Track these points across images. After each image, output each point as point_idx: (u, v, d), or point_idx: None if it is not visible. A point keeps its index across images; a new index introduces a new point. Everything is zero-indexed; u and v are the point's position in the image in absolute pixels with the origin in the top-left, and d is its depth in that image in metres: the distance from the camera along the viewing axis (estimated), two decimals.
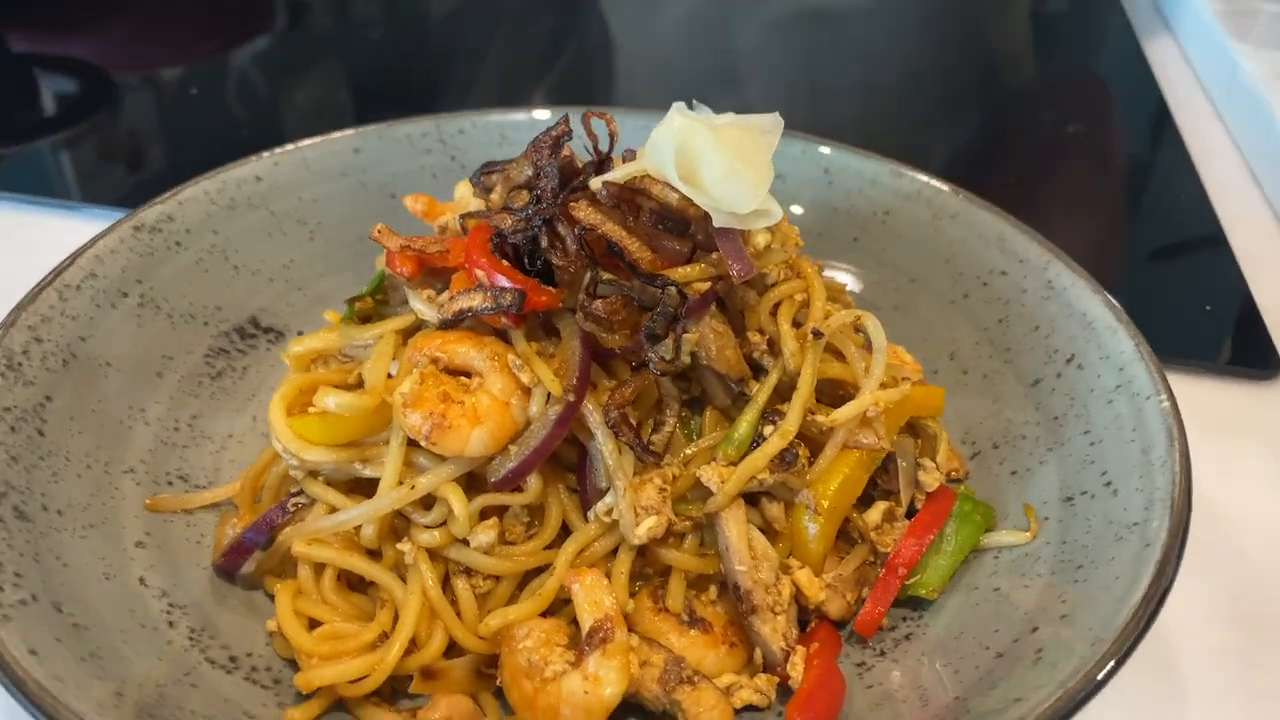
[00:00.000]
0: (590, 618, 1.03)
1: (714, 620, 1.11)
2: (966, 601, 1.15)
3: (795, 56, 2.59)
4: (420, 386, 1.06)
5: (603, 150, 1.18)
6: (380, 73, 2.50)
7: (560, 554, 1.09)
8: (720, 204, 1.09)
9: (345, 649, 1.04)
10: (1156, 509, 1.07)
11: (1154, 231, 1.98)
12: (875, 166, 1.56)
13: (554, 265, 1.09)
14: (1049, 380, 1.31)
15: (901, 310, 1.50)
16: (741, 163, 1.10)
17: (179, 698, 0.97)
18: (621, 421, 1.07)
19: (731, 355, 1.14)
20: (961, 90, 2.47)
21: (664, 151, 1.09)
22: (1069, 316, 1.32)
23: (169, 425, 1.29)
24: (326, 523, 1.08)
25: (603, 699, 1.00)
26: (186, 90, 2.38)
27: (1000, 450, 1.31)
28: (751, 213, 1.11)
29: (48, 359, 1.21)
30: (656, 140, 1.10)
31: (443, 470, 1.07)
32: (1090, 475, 1.18)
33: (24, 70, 2.42)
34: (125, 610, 1.05)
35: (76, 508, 1.13)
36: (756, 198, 1.10)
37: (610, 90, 2.42)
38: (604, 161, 1.17)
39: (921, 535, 1.17)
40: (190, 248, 1.42)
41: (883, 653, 1.12)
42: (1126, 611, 0.97)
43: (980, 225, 1.46)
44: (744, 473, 1.10)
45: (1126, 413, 1.19)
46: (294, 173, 1.53)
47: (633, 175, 1.12)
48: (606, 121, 1.18)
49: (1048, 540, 1.16)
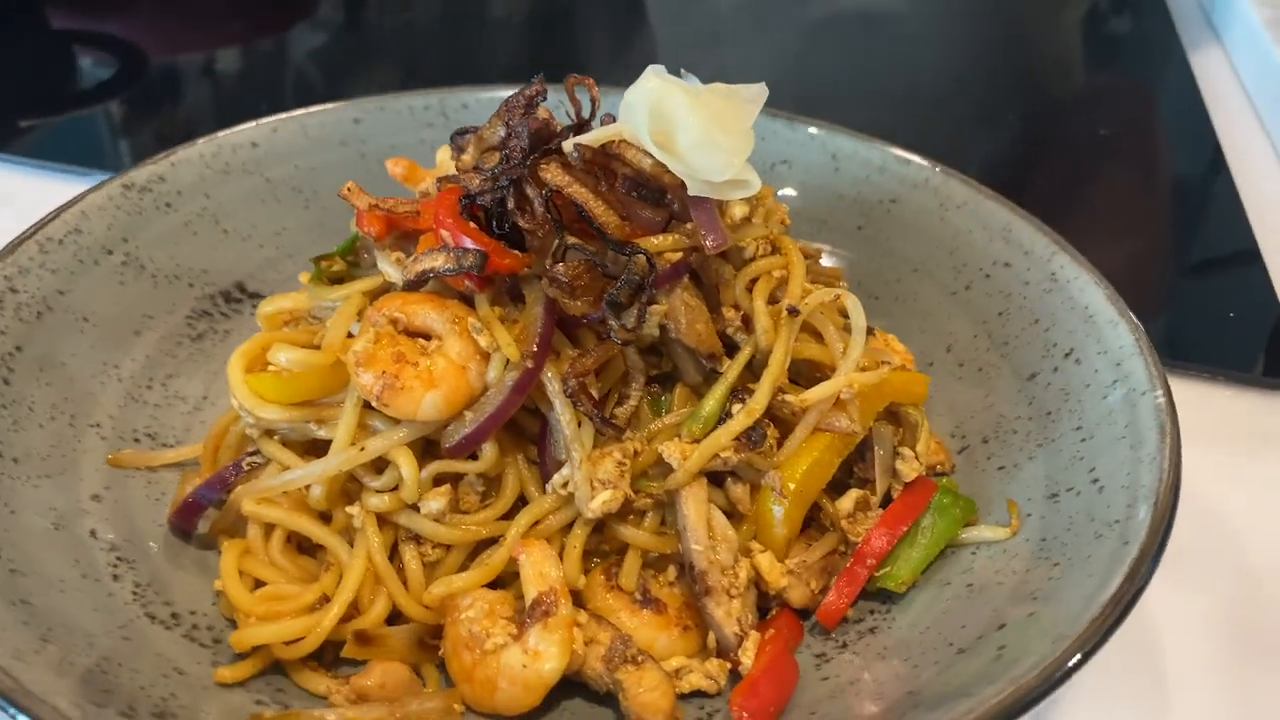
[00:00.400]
0: (534, 589, 1.00)
1: (669, 601, 1.07)
2: (937, 597, 1.10)
3: (835, 58, 2.54)
4: (375, 346, 1.03)
5: (584, 116, 1.15)
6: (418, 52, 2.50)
7: (513, 525, 1.06)
8: (694, 171, 1.06)
9: (284, 610, 1.02)
10: (1140, 506, 1.01)
11: (1191, 241, 1.91)
12: (882, 153, 1.51)
13: (521, 228, 1.06)
14: (1045, 375, 1.25)
15: (901, 300, 1.45)
16: (718, 129, 1.06)
17: (108, 649, 0.95)
18: (580, 391, 1.04)
19: (703, 330, 1.10)
20: (1002, 96, 2.41)
21: (637, 113, 1.06)
22: (1070, 310, 1.26)
23: (142, 383, 1.28)
24: (275, 481, 1.06)
25: (541, 674, 0.97)
26: (213, 66, 2.40)
27: (990, 445, 1.25)
28: (728, 182, 1.07)
29: (21, 309, 1.20)
30: (630, 101, 1.07)
31: (395, 434, 1.05)
32: (1078, 472, 1.12)
33: (62, 45, 2.46)
34: (69, 561, 1.04)
35: (35, 457, 1.12)
36: (732, 166, 1.06)
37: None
38: (582, 126, 1.14)
39: (894, 526, 1.12)
40: (180, 209, 1.41)
41: (844, 645, 1.08)
42: (1094, 609, 0.92)
43: (986, 215, 1.40)
44: (706, 450, 1.06)
45: (1120, 408, 1.13)
46: (292, 140, 1.52)
47: (608, 139, 1.09)
48: (589, 87, 1.16)
49: (1027, 537, 1.11)
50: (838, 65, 2.50)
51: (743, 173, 1.07)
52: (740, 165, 1.07)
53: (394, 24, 2.74)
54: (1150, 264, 1.84)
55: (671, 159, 1.06)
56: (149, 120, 2.23)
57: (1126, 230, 1.93)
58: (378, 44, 2.62)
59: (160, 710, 0.90)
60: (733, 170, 1.06)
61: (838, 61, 2.52)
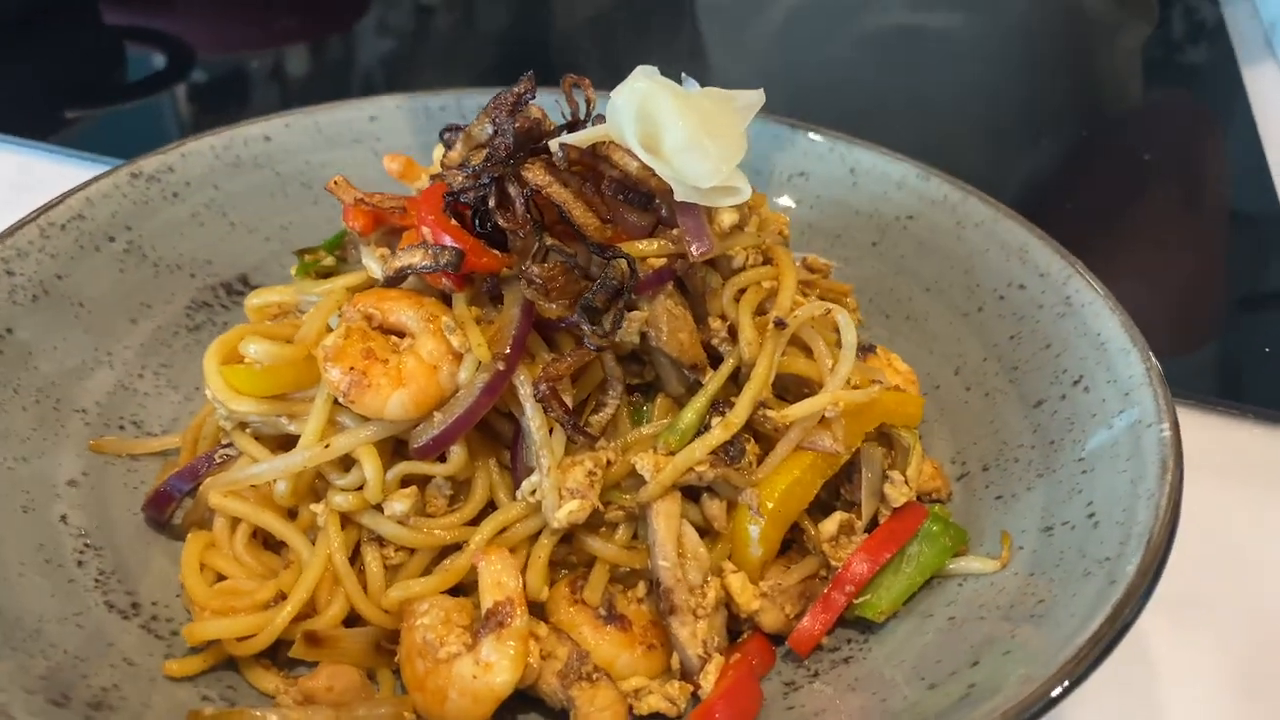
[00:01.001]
0: (491, 599, 0.97)
1: (635, 619, 1.03)
2: (917, 629, 1.05)
3: (885, 73, 2.49)
4: (345, 341, 1.02)
5: (579, 117, 1.13)
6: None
7: (478, 531, 1.03)
8: (681, 176, 1.03)
9: (239, 605, 1.00)
10: (1132, 545, 0.96)
11: (1240, 273, 1.82)
12: (903, 169, 1.47)
13: (501, 227, 1.04)
14: (1052, 402, 1.19)
15: (912, 320, 1.40)
16: (706, 134, 1.02)
17: (56, 635, 0.94)
18: (552, 396, 1.01)
19: (686, 339, 1.07)
20: (1053, 114, 2.34)
21: (624, 114, 1.03)
22: (1082, 336, 1.21)
23: (134, 371, 1.28)
24: (240, 475, 1.05)
25: (492, 686, 0.94)
26: (251, 63, 2.42)
27: (990, 473, 1.20)
28: (716, 188, 1.04)
29: (16, 292, 1.21)
30: (617, 102, 1.04)
31: (362, 432, 1.03)
32: (1075, 505, 1.07)
33: (113, 40, 2.50)
34: (33, 544, 1.04)
35: (14, 438, 1.12)
36: (720, 172, 1.02)
37: None
38: (574, 126, 1.11)
39: (876, 553, 1.07)
40: (188, 200, 1.41)
41: (816, 674, 1.03)
42: (1068, 652, 0.86)
43: (1004, 234, 1.35)
44: (680, 464, 1.02)
45: (1124, 440, 1.08)
46: (304, 136, 1.51)
47: (595, 140, 1.06)
48: (584, 87, 1.13)
49: (1016, 571, 1.05)
50: (885, 80, 2.45)
51: (732, 179, 1.04)
52: (729, 171, 1.03)
53: (450, 25, 2.76)
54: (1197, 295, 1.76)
55: (658, 162, 1.03)
56: (194, 115, 2.26)
57: (1172, 258, 1.86)
58: (439, 45, 2.63)
59: (98, 701, 0.89)
60: (720, 176, 1.03)
61: (885, 76, 2.47)
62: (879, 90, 2.40)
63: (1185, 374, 1.46)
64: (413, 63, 2.54)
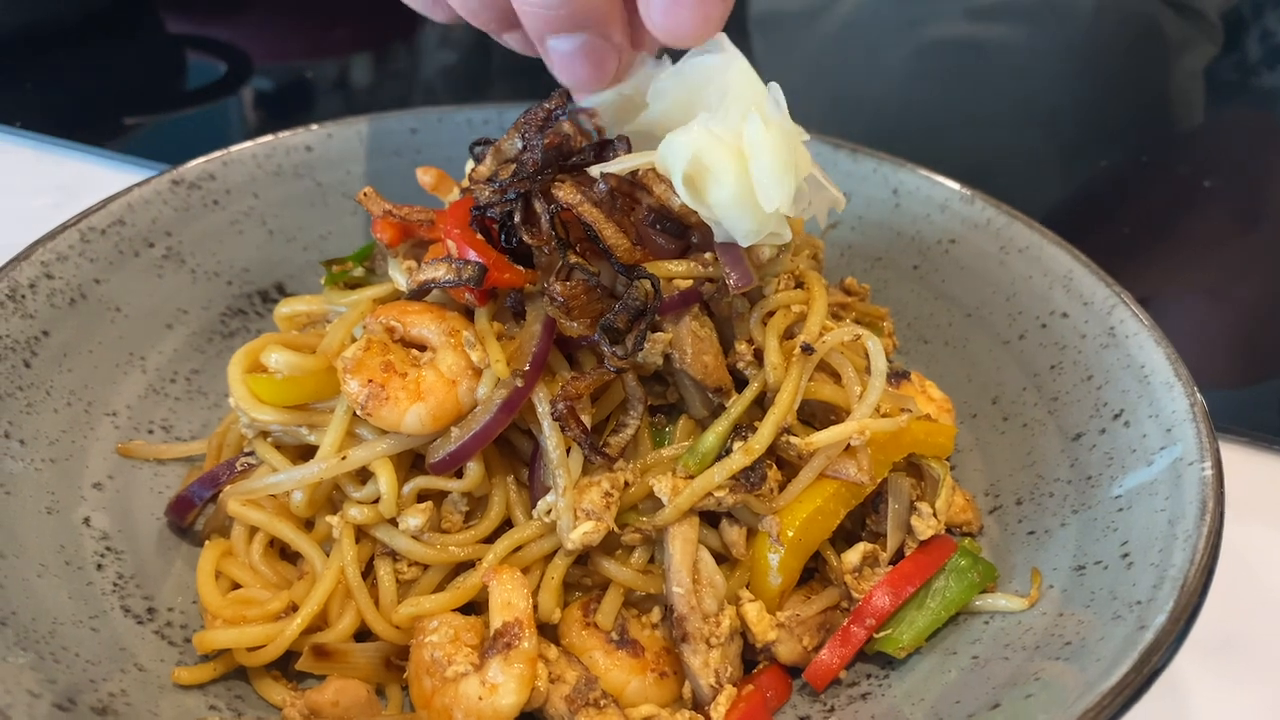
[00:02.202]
0: (500, 619, 0.96)
1: (648, 645, 1.01)
2: (939, 666, 1.01)
3: (940, 88, 2.46)
4: (364, 354, 1.01)
5: (607, 137, 1.11)
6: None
7: (492, 550, 1.02)
8: (725, 225, 1.00)
9: (251, 615, 1.00)
10: (1165, 588, 0.92)
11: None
12: (946, 191, 1.44)
13: (526, 243, 1.03)
14: (1091, 436, 1.16)
15: (952, 346, 1.37)
16: (750, 193, 0.98)
17: (69, 638, 0.95)
18: (569, 415, 0.99)
19: (711, 362, 1.05)
20: (1113, 134, 2.29)
21: (675, 161, 0.97)
22: (1125, 368, 1.17)
23: (166, 376, 1.29)
24: (258, 484, 1.05)
25: (497, 708, 0.93)
26: (309, 73, 2.45)
27: (1024, 507, 1.16)
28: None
29: (54, 296, 1.22)
30: (672, 146, 0.99)
31: (379, 445, 1.02)
32: (1110, 544, 1.03)
33: (175, 49, 2.55)
34: (54, 545, 1.04)
35: (43, 440, 1.13)
36: (761, 231, 0.99)
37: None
38: (602, 146, 1.10)
39: (900, 585, 1.04)
40: (228, 208, 1.42)
41: (832, 709, 1.00)
42: (1090, 699, 0.83)
43: (1048, 261, 1.31)
44: (698, 488, 1.00)
45: (1164, 478, 1.04)
46: (346, 146, 1.52)
47: (636, 167, 1.04)
48: (589, 117, 1.10)
49: (1044, 611, 1.02)
50: (940, 95, 2.41)
51: (776, 227, 1.01)
52: (773, 225, 1.00)
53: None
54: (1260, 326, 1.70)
55: (702, 207, 1.00)
56: (251, 123, 2.29)
57: (1235, 287, 1.81)
58: (501, 56, 2.64)
59: (103, 706, 0.89)
60: (761, 234, 0.99)
61: (940, 91, 2.43)
62: (933, 106, 2.37)
63: (1245, 409, 1.41)
64: (474, 74, 2.54)
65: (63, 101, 2.16)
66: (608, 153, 1.07)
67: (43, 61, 2.27)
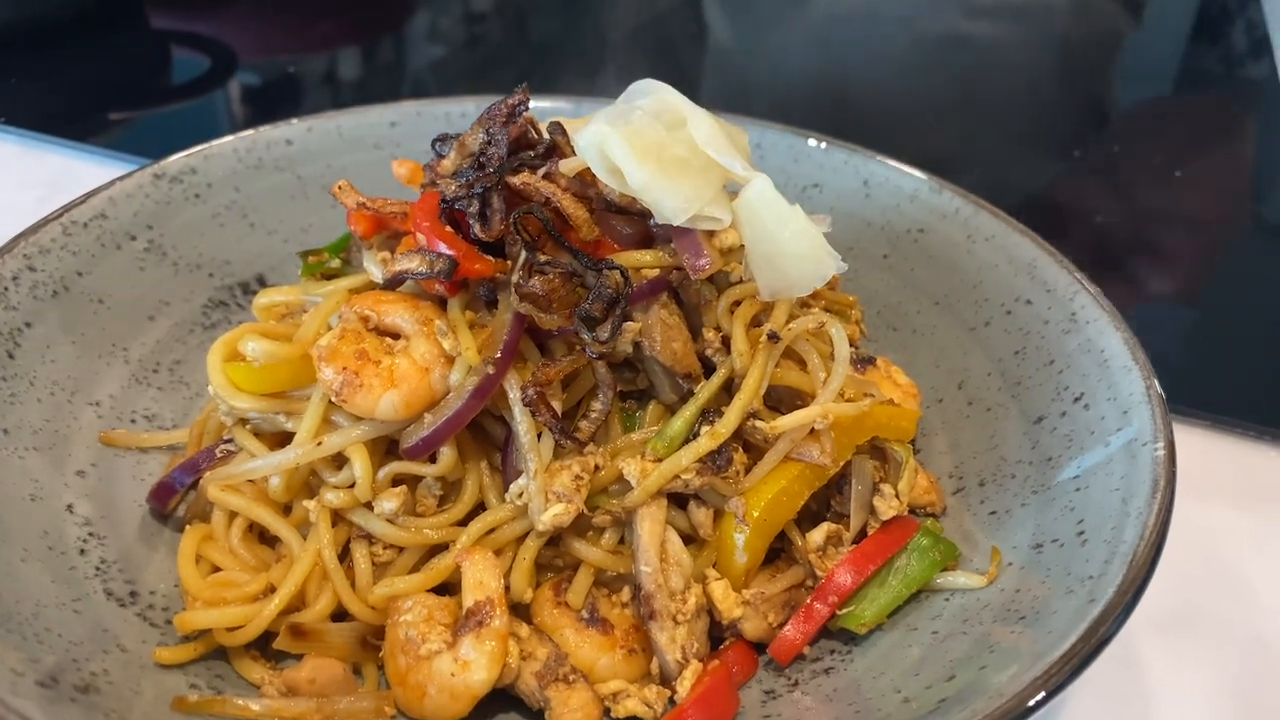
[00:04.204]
0: (472, 598, 0.99)
1: (617, 623, 1.04)
2: (900, 642, 1.04)
3: (929, 81, 2.49)
4: (339, 341, 1.04)
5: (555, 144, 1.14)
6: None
7: (465, 532, 1.04)
8: (651, 208, 1.04)
9: (230, 596, 1.02)
10: (1116, 563, 0.95)
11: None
12: (915, 182, 1.46)
13: (493, 236, 1.05)
14: (1052, 419, 1.19)
15: (919, 334, 1.40)
16: (667, 175, 1.03)
17: (52, 619, 0.97)
18: (539, 400, 1.02)
19: (680, 349, 1.08)
20: (1086, 126, 2.33)
21: (589, 154, 1.05)
22: (1086, 353, 1.20)
23: (149, 366, 1.31)
24: (237, 469, 1.07)
25: (469, 684, 0.96)
26: (293, 68, 2.47)
27: (986, 488, 1.19)
28: (696, 217, 1.05)
29: (37, 288, 1.24)
30: (581, 144, 1.06)
31: (354, 431, 1.05)
32: (1066, 523, 1.06)
33: (160, 44, 2.56)
34: (38, 531, 1.07)
35: (26, 429, 1.15)
36: (687, 210, 1.03)
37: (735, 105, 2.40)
38: (550, 150, 1.13)
39: (862, 564, 1.07)
40: (209, 201, 1.45)
41: (796, 683, 1.03)
42: (1039, 668, 0.86)
43: (1014, 249, 1.34)
44: (666, 470, 1.03)
45: (1119, 458, 1.07)
46: (326, 140, 1.55)
47: (580, 168, 1.08)
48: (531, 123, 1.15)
49: (1002, 588, 1.05)
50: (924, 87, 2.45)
51: (708, 209, 1.05)
52: (701, 205, 1.04)
53: (497, 34, 2.79)
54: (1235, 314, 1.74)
55: (630, 192, 1.05)
56: (236, 118, 2.31)
57: (1207, 273, 1.84)
58: (486, 52, 2.66)
59: (85, 684, 0.91)
60: (689, 213, 1.04)
61: (924, 84, 2.47)
62: (913, 98, 2.40)
63: (1205, 393, 1.44)
64: (461, 69, 2.56)
65: (47, 97, 2.18)
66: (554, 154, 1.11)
67: (27, 57, 2.29)
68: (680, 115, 1.08)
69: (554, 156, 1.11)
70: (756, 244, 1.07)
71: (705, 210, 1.04)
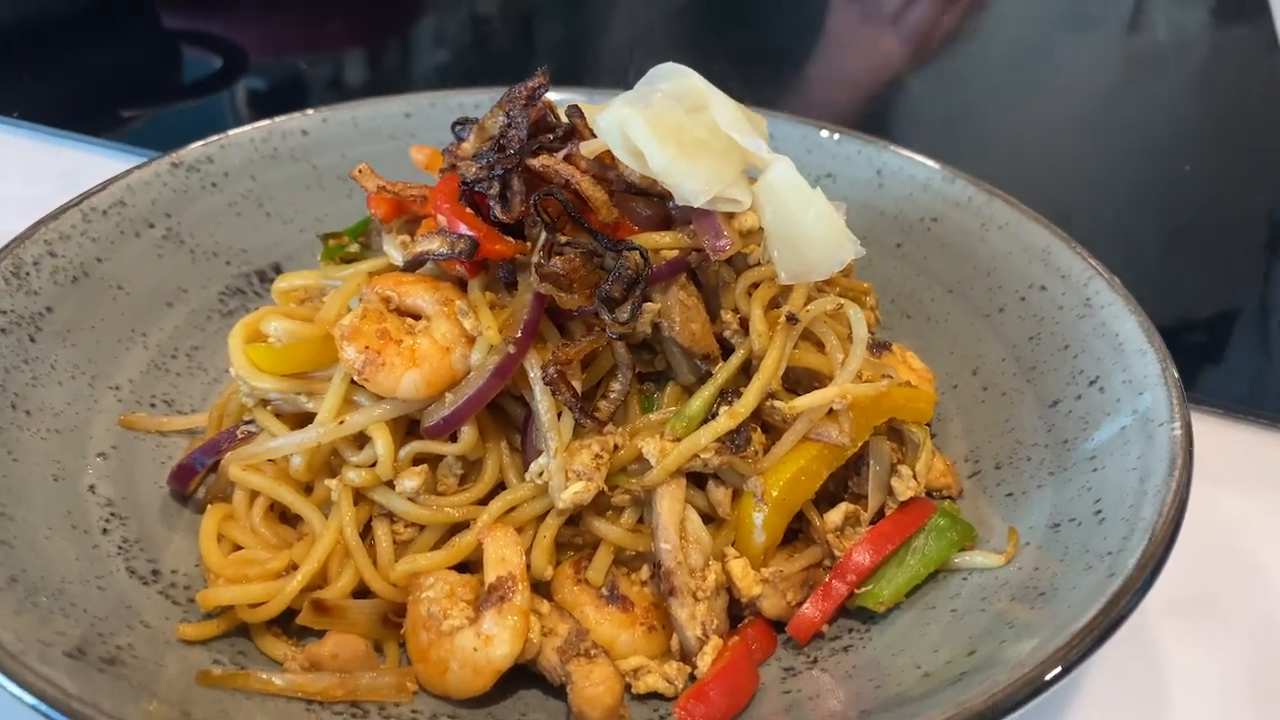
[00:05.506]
0: (494, 574, 0.99)
1: (637, 600, 1.05)
2: (918, 620, 1.05)
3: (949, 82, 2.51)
4: (361, 321, 1.05)
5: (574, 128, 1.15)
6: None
7: (486, 510, 1.05)
8: (673, 191, 1.05)
9: (252, 573, 1.03)
10: (1135, 539, 0.96)
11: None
12: (928, 171, 1.47)
13: (516, 217, 1.06)
14: (1067, 402, 1.19)
15: (934, 321, 1.40)
16: (687, 157, 1.04)
17: (77, 595, 0.98)
18: (560, 380, 1.03)
19: (698, 330, 1.09)
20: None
21: (610, 136, 1.06)
22: (1100, 336, 1.20)
23: (167, 352, 1.32)
24: (258, 448, 1.08)
25: (491, 659, 0.96)
26: (303, 66, 2.48)
27: (1002, 471, 1.20)
28: (717, 198, 1.06)
29: (58, 273, 1.25)
30: (603, 126, 1.07)
31: (374, 410, 1.05)
32: (1084, 503, 1.07)
33: (170, 43, 2.58)
34: (61, 510, 1.07)
35: (48, 412, 1.16)
36: (708, 192, 1.04)
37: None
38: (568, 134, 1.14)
39: (880, 544, 1.07)
40: (226, 190, 1.46)
41: (815, 660, 1.04)
42: (1059, 640, 0.86)
43: (1028, 237, 1.35)
44: (685, 449, 1.04)
45: (1136, 439, 1.08)
46: (341, 131, 1.56)
47: (600, 150, 1.09)
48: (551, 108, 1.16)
49: (1020, 566, 1.05)
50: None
51: (728, 191, 1.06)
52: (721, 186, 1.05)
53: (503, 31, 2.80)
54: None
55: (651, 174, 1.06)
56: (245, 115, 2.31)
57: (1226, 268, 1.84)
58: (493, 53, 2.67)
59: (111, 657, 0.92)
60: (709, 195, 1.05)
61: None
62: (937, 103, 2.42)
63: (1221, 382, 1.45)
64: (468, 70, 2.57)
65: (60, 94, 2.19)
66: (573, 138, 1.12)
67: (40, 54, 2.30)
68: (701, 98, 1.09)
69: (573, 139, 1.11)
70: (777, 226, 1.08)
71: (725, 192, 1.05)
